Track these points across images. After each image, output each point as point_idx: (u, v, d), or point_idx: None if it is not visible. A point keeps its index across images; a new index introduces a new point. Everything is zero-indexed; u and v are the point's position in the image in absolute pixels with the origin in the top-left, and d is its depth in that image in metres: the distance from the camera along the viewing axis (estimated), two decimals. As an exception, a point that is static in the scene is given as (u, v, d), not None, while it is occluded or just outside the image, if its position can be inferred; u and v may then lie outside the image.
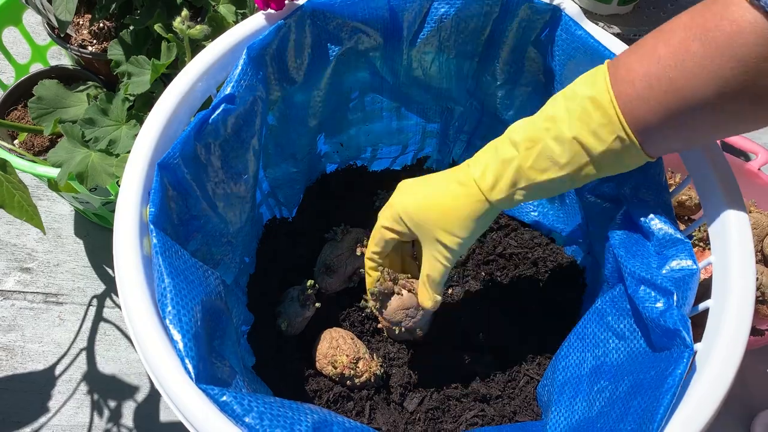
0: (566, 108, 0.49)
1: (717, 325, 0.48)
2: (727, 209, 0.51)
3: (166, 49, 0.74)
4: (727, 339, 0.47)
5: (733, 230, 0.51)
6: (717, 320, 0.48)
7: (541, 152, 0.50)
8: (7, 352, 0.91)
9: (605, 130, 0.47)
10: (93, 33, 0.92)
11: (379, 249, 0.63)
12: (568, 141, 0.49)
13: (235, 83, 0.56)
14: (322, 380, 0.70)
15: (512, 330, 0.75)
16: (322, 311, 0.73)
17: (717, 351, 0.46)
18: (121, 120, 0.76)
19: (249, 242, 0.71)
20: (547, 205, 0.80)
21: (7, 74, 0.99)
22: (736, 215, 0.51)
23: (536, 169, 0.51)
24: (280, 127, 0.69)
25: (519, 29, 0.63)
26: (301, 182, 0.79)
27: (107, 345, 0.92)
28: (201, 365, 0.44)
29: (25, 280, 0.97)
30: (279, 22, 0.59)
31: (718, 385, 0.45)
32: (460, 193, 0.56)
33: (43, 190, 1.04)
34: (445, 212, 0.56)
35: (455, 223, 0.56)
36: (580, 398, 0.59)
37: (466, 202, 0.55)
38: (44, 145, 0.90)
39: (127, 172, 0.51)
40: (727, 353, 0.46)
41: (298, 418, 0.43)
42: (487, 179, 0.54)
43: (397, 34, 0.65)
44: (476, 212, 0.55)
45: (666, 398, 0.44)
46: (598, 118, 0.47)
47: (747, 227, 0.51)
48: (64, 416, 0.87)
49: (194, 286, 0.48)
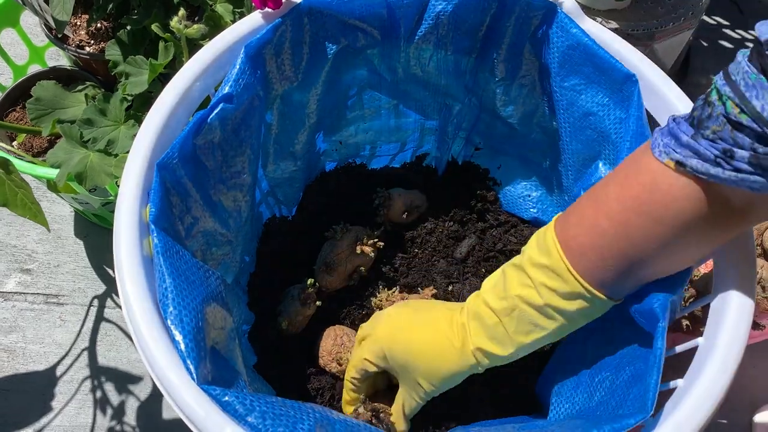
0: (530, 276, 0.52)
1: (718, 319, 0.48)
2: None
3: (164, 48, 0.74)
4: (728, 333, 0.47)
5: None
6: (718, 315, 0.48)
7: (520, 318, 0.53)
8: (9, 353, 0.91)
9: (571, 295, 0.49)
10: (90, 33, 0.92)
11: (359, 376, 0.64)
12: (541, 307, 0.51)
13: (233, 82, 0.56)
14: (324, 378, 0.70)
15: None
16: (323, 309, 0.73)
17: (718, 345, 0.46)
18: (120, 120, 0.76)
19: (249, 241, 0.71)
20: (546, 202, 0.80)
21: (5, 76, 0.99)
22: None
23: (521, 333, 0.53)
24: (279, 126, 0.69)
25: (516, 26, 0.63)
26: (300, 181, 0.79)
27: (108, 345, 0.92)
28: (203, 365, 0.44)
29: (25, 281, 0.97)
30: (276, 21, 0.58)
31: (720, 380, 0.45)
32: (447, 349, 0.57)
33: (43, 191, 1.04)
34: (430, 365, 0.58)
35: (438, 375, 0.58)
36: (581, 390, 0.59)
37: (453, 360, 0.57)
38: (43, 146, 0.90)
39: (126, 173, 0.51)
40: (728, 348, 0.46)
41: (300, 417, 0.43)
42: (478, 347, 0.56)
43: (394, 31, 0.65)
44: (461, 369, 0.57)
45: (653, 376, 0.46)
46: (561, 285, 0.49)
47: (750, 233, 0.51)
48: (66, 417, 0.87)
49: (195, 286, 0.48)
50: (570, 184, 0.71)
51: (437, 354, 0.57)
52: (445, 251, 0.80)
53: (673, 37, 0.98)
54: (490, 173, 0.85)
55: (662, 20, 0.94)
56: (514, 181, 0.83)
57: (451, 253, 0.80)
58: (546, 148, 0.73)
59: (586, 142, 0.65)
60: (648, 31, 0.95)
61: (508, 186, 0.83)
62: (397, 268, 0.79)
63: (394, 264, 0.79)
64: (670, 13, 0.96)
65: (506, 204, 0.84)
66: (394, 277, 0.78)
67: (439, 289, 0.77)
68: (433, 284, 0.78)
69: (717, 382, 0.45)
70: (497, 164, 0.84)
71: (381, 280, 0.78)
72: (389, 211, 0.79)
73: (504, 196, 0.84)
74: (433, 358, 0.58)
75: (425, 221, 0.81)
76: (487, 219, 0.83)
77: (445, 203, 0.82)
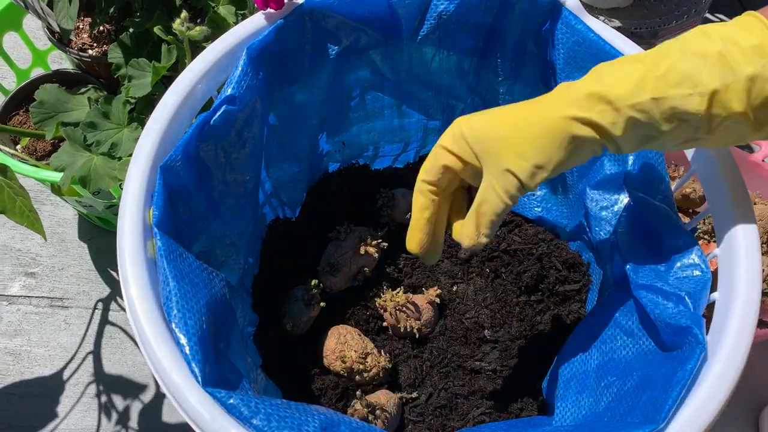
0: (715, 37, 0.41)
1: (723, 317, 0.48)
2: (732, 201, 0.51)
3: (167, 51, 0.74)
4: (734, 331, 0.46)
5: (738, 222, 0.50)
6: (723, 313, 0.48)
7: (671, 66, 0.41)
8: (14, 356, 0.91)
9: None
10: (93, 36, 0.92)
11: (431, 177, 0.49)
12: (713, 55, 0.40)
13: (236, 84, 0.56)
14: (328, 378, 0.70)
15: (518, 326, 0.74)
16: (327, 310, 0.73)
17: (723, 344, 0.46)
18: (123, 123, 0.76)
19: (253, 243, 0.71)
20: (550, 201, 0.80)
21: (8, 79, 0.99)
22: (741, 207, 0.51)
23: (667, 83, 0.41)
24: (282, 127, 0.69)
25: (519, 24, 0.63)
26: (303, 182, 0.79)
27: (113, 348, 0.92)
28: (207, 368, 0.44)
29: (30, 284, 0.97)
30: (278, 22, 0.58)
31: (725, 378, 0.45)
32: (546, 108, 0.44)
33: (47, 194, 1.04)
34: (520, 127, 0.44)
35: (528, 141, 0.44)
36: (586, 394, 0.59)
37: (550, 117, 0.43)
38: (47, 149, 0.90)
39: (130, 175, 0.51)
40: (734, 346, 0.46)
41: (305, 419, 0.43)
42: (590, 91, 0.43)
43: (396, 31, 0.65)
44: (562, 131, 0.43)
45: (675, 390, 0.44)
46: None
47: (752, 219, 0.51)
48: (72, 420, 0.87)
49: (199, 288, 0.48)
50: (574, 181, 0.71)
51: (529, 114, 0.45)
52: (449, 251, 0.80)
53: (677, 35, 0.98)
54: (494, 173, 0.85)
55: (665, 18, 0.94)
56: (517, 181, 0.82)
57: (455, 254, 0.80)
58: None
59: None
60: (651, 30, 0.95)
61: (512, 185, 0.83)
62: (401, 269, 0.79)
63: (398, 264, 0.79)
64: (673, 11, 0.95)
65: (510, 203, 0.83)
66: (398, 277, 0.78)
67: (444, 289, 0.77)
68: (438, 284, 0.77)
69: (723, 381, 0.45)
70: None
71: (385, 280, 0.77)
72: (393, 212, 0.79)
73: (508, 196, 0.83)
74: (523, 119, 0.45)
75: (429, 221, 0.81)
76: (491, 219, 0.82)
77: (449, 203, 0.82)
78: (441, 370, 0.72)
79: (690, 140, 0.44)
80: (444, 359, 0.73)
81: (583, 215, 0.73)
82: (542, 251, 0.78)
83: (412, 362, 0.73)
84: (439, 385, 0.71)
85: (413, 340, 0.74)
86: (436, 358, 0.73)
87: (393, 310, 0.72)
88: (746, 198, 0.51)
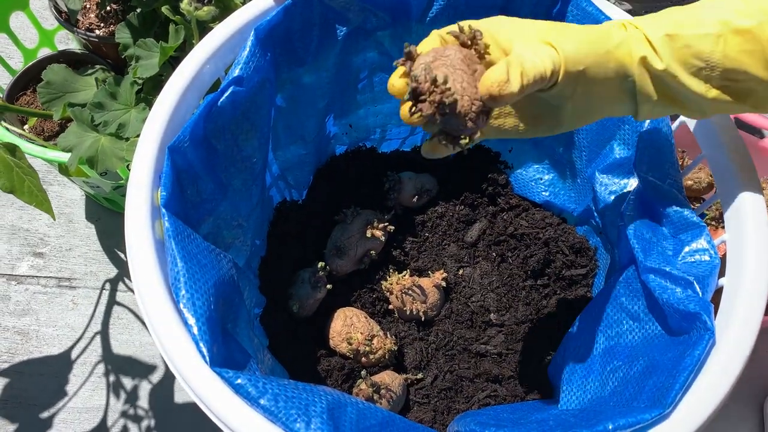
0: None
1: (731, 304, 0.48)
2: (742, 187, 0.51)
3: (174, 31, 0.74)
4: (741, 318, 0.46)
5: (748, 208, 0.50)
6: (731, 299, 0.48)
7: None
8: (23, 336, 0.92)
9: None
10: (100, 17, 0.92)
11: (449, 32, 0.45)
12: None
13: (244, 65, 0.55)
14: (334, 360, 0.70)
15: (523, 310, 0.74)
16: (333, 293, 0.73)
17: (730, 330, 0.46)
18: (130, 103, 0.76)
19: (260, 225, 0.71)
20: (558, 185, 0.79)
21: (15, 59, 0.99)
22: (751, 193, 0.51)
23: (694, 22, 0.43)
24: (289, 109, 0.69)
25: (530, 5, 0.62)
26: (310, 164, 0.78)
27: (120, 328, 0.93)
28: (215, 348, 0.44)
29: (38, 264, 0.97)
30: (286, 3, 0.58)
31: (732, 365, 0.45)
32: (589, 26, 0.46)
33: (54, 174, 1.05)
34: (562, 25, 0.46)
35: (571, 34, 0.44)
36: (592, 378, 0.59)
37: (595, 28, 0.45)
38: (54, 129, 0.90)
39: (138, 156, 0.51)
40: (741, 332, 0.46)
41: (312, 399, 0.44)
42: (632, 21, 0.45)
43: (405, 12, 0.64)
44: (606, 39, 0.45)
45: (682, 376, 0.44)
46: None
47: (762, 205, 0.50)
48: (80, 399, 0.88)
49: (207, 269, 0.48)
50: (583, 166, 0.70)
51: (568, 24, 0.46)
52: (456, 235, 0.80)
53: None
54: (502, 156, 0.84)
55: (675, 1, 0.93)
56: (525, 165, 0.82)
57: (461, 237, 0.80)
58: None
59: (603, 122, 0.64)
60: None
61: (520, 169, 0.83)
62: (408, 252, 0.79)
63: (405, 248, 0.79)
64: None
65: (518, 187, 0.83)
66: (404, 260, 0.78)
67: (450, 273, 0.77)
68: (444, 268, 0.77)
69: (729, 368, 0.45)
70: (508, 147, 0.83)
71: (391, 263, 0.78)
72: (400, 195, 0.79)
73: (515, 180, 0.83)
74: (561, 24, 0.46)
75: (436, 205, 0.81)
76: (498, 203, 0.82)
77: (456, 187, 0.82)
78: (446, 353, 0.73)
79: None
80: (449, 342, 0.73)
81: (591, 200, 0.72)
82: (549, 236, 0.78)
83: (417, 345, 0.73)
84: (444, 367, 0.71)
85: (419, 323, 0.74)
86: (441, 341, 0.73)
87: (399, 293, 0.72)
88: (756, 184, 0.51)
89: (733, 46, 0.42)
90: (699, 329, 0.46)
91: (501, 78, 0.41)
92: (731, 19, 0.42)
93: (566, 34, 0.44)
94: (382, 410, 0.50)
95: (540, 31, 0.45)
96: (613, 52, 0.45)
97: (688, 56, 0.43)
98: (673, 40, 0.43)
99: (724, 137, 0.53)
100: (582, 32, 0.45)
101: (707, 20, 0.43)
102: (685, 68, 0.44)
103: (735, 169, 0.52)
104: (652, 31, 0.44)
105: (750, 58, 0.42)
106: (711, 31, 0.43)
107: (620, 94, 0.47)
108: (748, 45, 0.42)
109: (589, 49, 0.44)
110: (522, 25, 0.46)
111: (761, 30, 0.41)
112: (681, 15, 0.44)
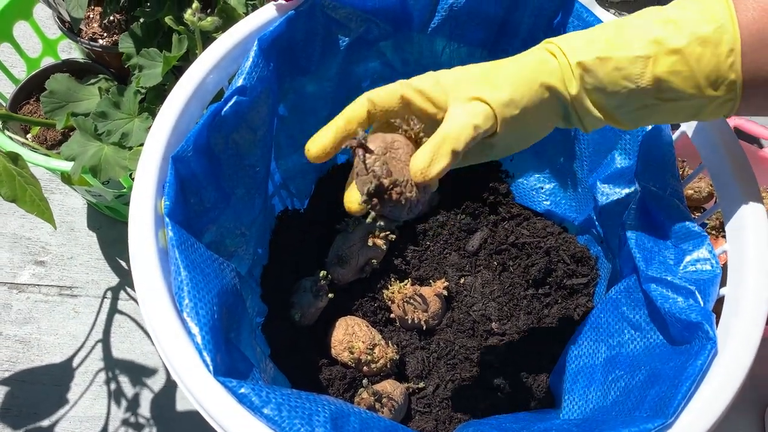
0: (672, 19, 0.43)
1: (732, 313, 0.48)
2: (743, 197, 0.51)
3: (177, 41, 0.74)
4: (743, 328, 0.46)
5: (749, 218, 0.50)
6: (732, 309, 0.48)
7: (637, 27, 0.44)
8: (24, 344, 0.92)
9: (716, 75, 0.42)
10: (103, 26, 0.92)
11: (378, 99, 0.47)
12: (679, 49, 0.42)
13: (247, 75, 0.56)
14: (335, 369, 0.70)
15: (525, 319, 0.75)
16: (335, 302, 0.73)
17: (732, 340, 0.46)
18: (134, 113, 0.76)
19: (262, 234, 0.72)
20: (559, 194, 0.80)
21: (18, 68, 0.99)
22: (752, 203, 0.51)
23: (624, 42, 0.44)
24: (292, 118, 0.69)
25: (531, 16, 0.63)
26: (312, 173, 0.79)
27: (122, 337, 0.93)
28: (219, 358, 0.44)
29: (39, 273, 0.98)
30: (289, 13, 0.58)
31: (734, 375, 0.45)
32: (522, 58, 0.47)
33: (56, 183, 1.05)
34: (495, 67, 0.46)
35: (503, 78, 0.45)
36: (594, 387, 0.59)
37: (527, 61, 0.46)
38: (57, 138, 0.90)
39: (141, 166, 0.51)
40: (743, 342, 0.46)
41: (315, 409, 0.44)
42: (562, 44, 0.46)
43: (407, 22, 0.64)
44: (538, 71, 0.45)
45: (684, 386, 0.44)
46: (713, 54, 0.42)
47: (762, 215, 0.50)
48: (81, 407, 0.88)
49: (210, 278, 0.48)
50: (584, 175, 0.71)
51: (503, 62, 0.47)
52: (457, 244, 0.80)
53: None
54: (503, 165, 0.85)
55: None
56: (526, 174, 0.82)
57: (463, 246, 0.80)
58: (560, 139, 0.73)
59: (604, 131, 0.64)
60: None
61: (521, 178, 0.83)
62: (409, 261, 0.79)
63: (406, 257, 0.79)
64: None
65: (519, 196, 0.83)
66: (405, 269, 0.78)
67: (451, 282, 0.77)
68: (445, 277, 0.78)
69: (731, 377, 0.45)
70: (509, 156, 0.84)
71: (393, 272, 0.78)
72: (401, 204, 0.79)
73: (516, 189, 0.83)
74: (497, 64, 0.47)
75: (437, 214, 0.81)
76: (500, 212, 0.82)
77: (457, 196, 0.82)
78: (448, 362, 0.72)
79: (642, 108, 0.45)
80: (451, 351, 0.73)
81: (592, 209, 0.73)
82: (550, 245, 0.78)
83: (419, 354, 0.73)
84: (446, 376, 0.71)
85: (420, 332, 0.74)
86: (443, 350, 0.73)
87: (400, 301, 0.72)
88: (757, 193, 0.51)
89: (663, 67, 0.43)
90: (701, 339, 0.46)
91: (422, 165, 0.42)
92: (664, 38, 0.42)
93: (500, 78, 0.45)
94: (385, 420, 0.50)
95: (474, 82, 0.45)
96: (547, 82, 0.45)
97: (618, 78, 0.44)
98: (604, 63, 0.44)
99: (724, 147, 0.53)
100: (517, 71, 0.45)
101: (636, 42, 0.43)
102: (617, 89, 0.44)
103: (735, 179, 0.52)
104: (583, 54, 0.44)
105: (677, 78, 0.43)
106: (640, 53, 0.43)
107: (555, 117, 0.48)
108: (678, 66, 0.42)
109: (525, 90, 0.45)
110: (456, 79, 0.46)
111: (691, 50, 0.42)
112: (613, 32, 0.45)
